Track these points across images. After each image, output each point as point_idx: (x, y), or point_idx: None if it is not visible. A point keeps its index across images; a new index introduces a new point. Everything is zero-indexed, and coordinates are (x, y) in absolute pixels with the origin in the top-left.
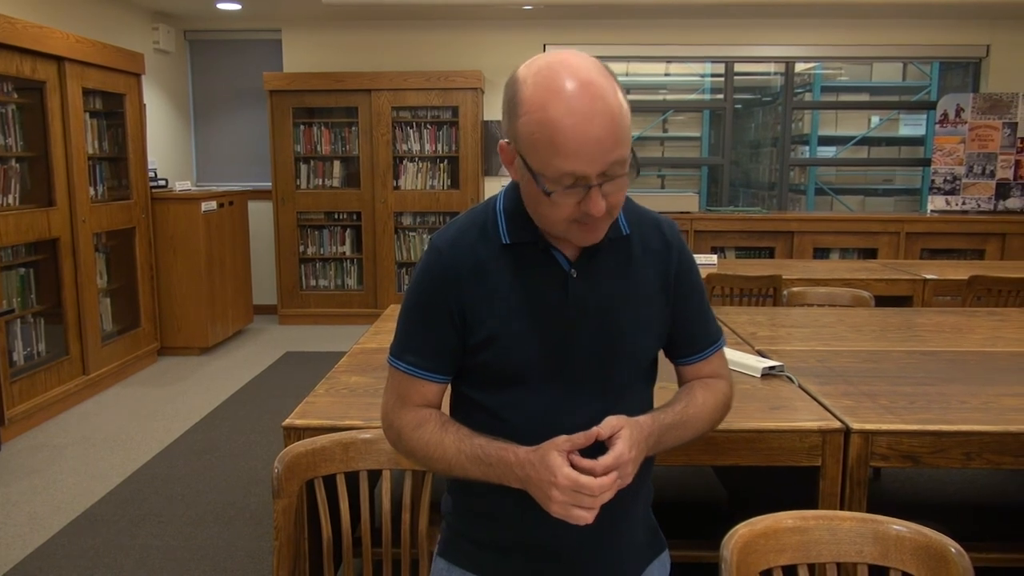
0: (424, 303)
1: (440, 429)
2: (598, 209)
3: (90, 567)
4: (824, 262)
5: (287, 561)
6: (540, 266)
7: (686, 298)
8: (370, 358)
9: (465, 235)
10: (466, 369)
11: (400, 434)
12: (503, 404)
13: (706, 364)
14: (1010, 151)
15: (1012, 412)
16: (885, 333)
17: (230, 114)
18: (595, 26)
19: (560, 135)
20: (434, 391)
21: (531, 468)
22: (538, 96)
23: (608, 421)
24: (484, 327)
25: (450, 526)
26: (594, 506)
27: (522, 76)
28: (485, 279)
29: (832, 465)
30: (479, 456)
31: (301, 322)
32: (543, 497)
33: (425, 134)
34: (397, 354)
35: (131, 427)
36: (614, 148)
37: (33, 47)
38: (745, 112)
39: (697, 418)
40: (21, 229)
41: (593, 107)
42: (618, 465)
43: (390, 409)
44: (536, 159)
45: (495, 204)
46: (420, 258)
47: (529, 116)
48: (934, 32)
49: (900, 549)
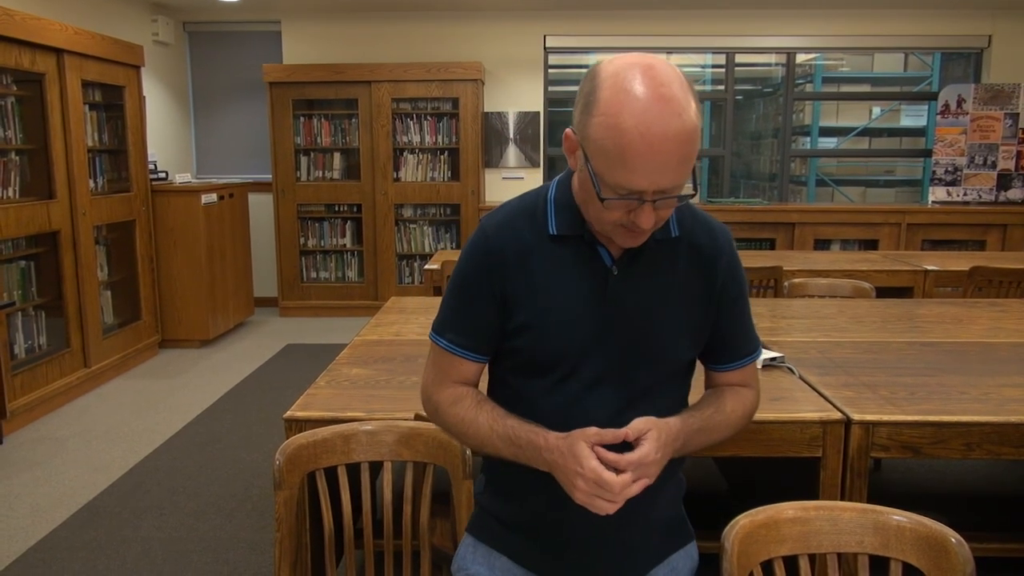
0: (467, 283)
1: (475, 407)
2: (647, 222)
3: (92, 559)
4: (825, 253)
5: (289, 553)
6: (583, 260)
7: (730, 307)
8: (371, 350)
9: (513, 220)
10: (502, 352)
11: (437, 408)
12: (533, 390)
13: (738, 373)
14: (1011, 142)
15: (1012, 403)
16: (886, 324)
17: (230, 106)
18: (595, 17)
19: (628, 151)
20: (472, 369)
21: (559, 455)
22: (616, 101)
23: (636, 423)
24: (522, 313)
25: (480, 505)
26: (616, 500)
27: (604, 74)
28: (528, 266)
29: (833, 456)
30: (510, 437)
31: (302, 314)
32: (568, 484)
33: (425, 126)
34: (439, 331)
35: (132, 419)
36: (677, 171)
37: (32, 39)
38: (746, 103)
39: (723, 425)
40: (21, 222)
41: (668, 127)
42: (642, 464)
43: (430, 383)
44: (600, 163)
45: (547, 193)
46: (468, 239)
47: (603, 119)
48: (935, 22)
49: (900, 540)
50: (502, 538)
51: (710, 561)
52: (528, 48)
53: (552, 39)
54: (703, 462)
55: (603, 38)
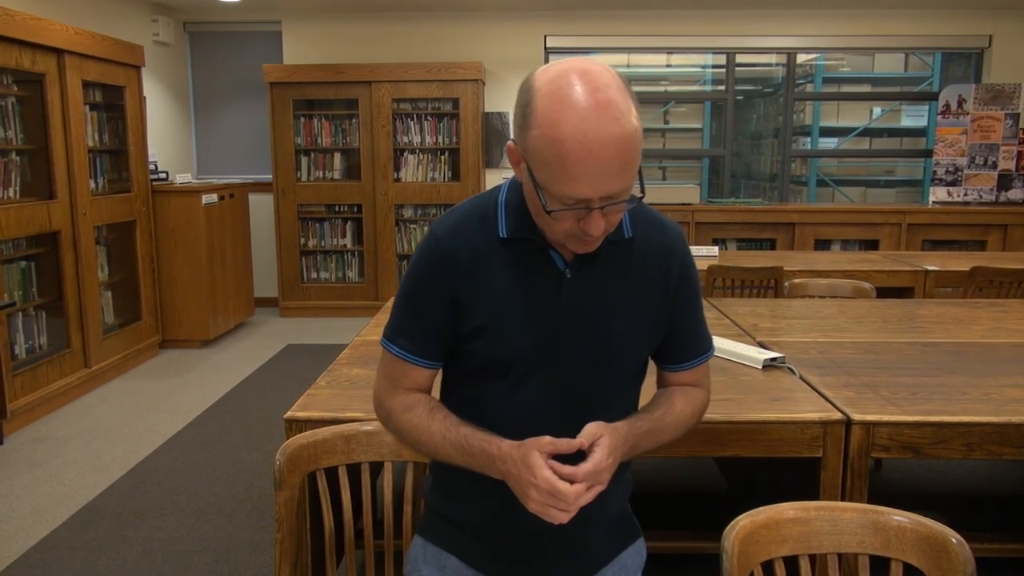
0: (420, 288)
1: (428, 414)
2: (597, 229)
3: (93, 559)
4: (825, 253)
5: (289, 553)
6: (536, 263)
7: (683, 306)
8: (371, 350)
9: (465, 224)
10: (455, 357)
11: (390, 415)
12: (488, 395)
13: (691, 373)
14: (1012, 142)
15: (1013, 403)
16: (886, 324)
17: (230, 106)
18: (596, 17)
19: (568, 160)
20: (424, 376)
21: (512, 464)
22: (551, 111)
23: (588, 429)
24: (476, 316)
25: (429, 506)
26: (570, 510)
27: (538, 84)
28: (481, 269)
29: (833, 456)
30: (463, 445)
31: (302, 314)
32: (521, 494)
33: (426, 126)
34: (390, 337)
35: (133, 420)
36: (621, 176)
37: (32, 39)
38: (746, 103)
39: (673, 425)
40: (22, 222)
41: (607, 133)
42: (596, 472)
43: (381, 390)
44: (542, 175)
45: (498, 196)
46: (419, 244)
47: (540, 131)
48: (936, 22)
49: (901, 540)
50: (451, 539)
51: (710, 561)
52: (528, 48)
53: (552, 39)
54: (703, 462)
55: (603, 38)
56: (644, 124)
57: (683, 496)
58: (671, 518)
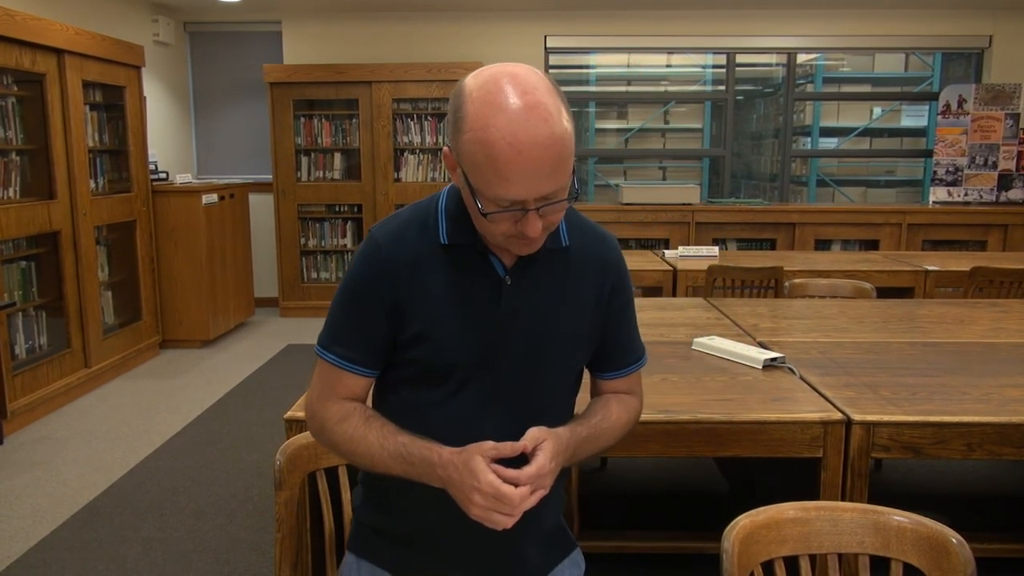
0: (358, 294)
1: (364, 424)
2: (534, 231)
3: (93, 559)
4: (826, 253)
5: (289, 553)
6: (476, 269)
7: (618, 315)
8: None
9: (405, 230)
10: (393, 365)
11: (323, 426)
12: (427, 402)
13: (624, 381)
14: (1012, 142)
15: (1013, 403)
16: (887, 324)
17: (230, 106)
18: (596, 17)
19: (500, 162)
20: (361, 384)
21: (454, 470)
22: (482, 115)
23: (531, 433)
24: (416, 323)
25: (359, 520)
26: (514, 514)
27: (468, 89)
28: (421, 275)
29: (833, 456)
30: (402, 454)
31: (302, 314)
32: (464, 500)
33: (426, 126)
34: (326, 345)
35: (133, 420)
36: (554, 177)
37: (33, 39)
38: (747, 103)
39: (609, 432)
40: (22, 222)
41: (536, 134)
42: (540, 476)
43: (315, 399)
44: (476, 178)
45: (438, 203)
46: (358, 249)
47: (472, 135)
48: (936, 22)
49: (901, 540)
50: (384, 554)
51: (710, 561)
52: (529, 48)
53: (552, 39)
54: (703, 462)
55: (603, 38)
56: (644, 123)
57: (683, 496)
58: (671, 518)
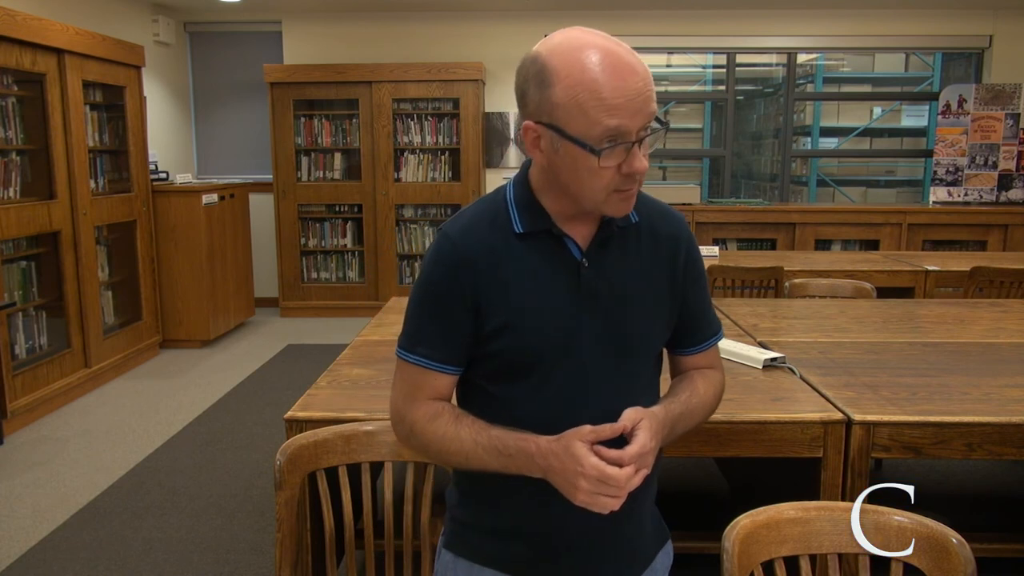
0: (436, 292)
1: (455, 422)
2: (642, 165)
3: (93, 559)
4: (826, 253)
5: (289, 553)
6: (552, 255)
7: (692, 289)
8: (372, 350)
9: (477, 224)
10: (477, 359)
11: (413, 429)
12: (515, 394)
13: (705, 356)
14: (1012, 142)
15: (1014, 403)
16: (887, 324)
17: (231, 106)
18: (596, 17)
19: (605, 90)
20: (446, 383)
21: (554, 458)
22: (573, 59)
23: (628, 413)
24: (498, 315)
25: (455, 518)
26: (620, 495)
27: (544, 52)
28: (498, 267)
29: (834, 456)
30: (497, 448)
31: (302, 315)
32: (568, 487)
33: (426, 126)
34: (407, 347)
35: (133, 420)
36: (651, 99)
37: (33, 39)
38: (747, 103)
39: (700, 408)
40: (22, 222)
41: (630, 59)
42: (642, 454)
43: (401, 403)
44: (579, 122)
45: (504, 195)
46: (429, 248)
47: (567, 80)
48: (936, 22)
49: (901, 540)
50: (484, 550)
51: (711, 561)
52: (528, 48)
53: None
54: (703, 462)
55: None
56: None
57: (684, 496)
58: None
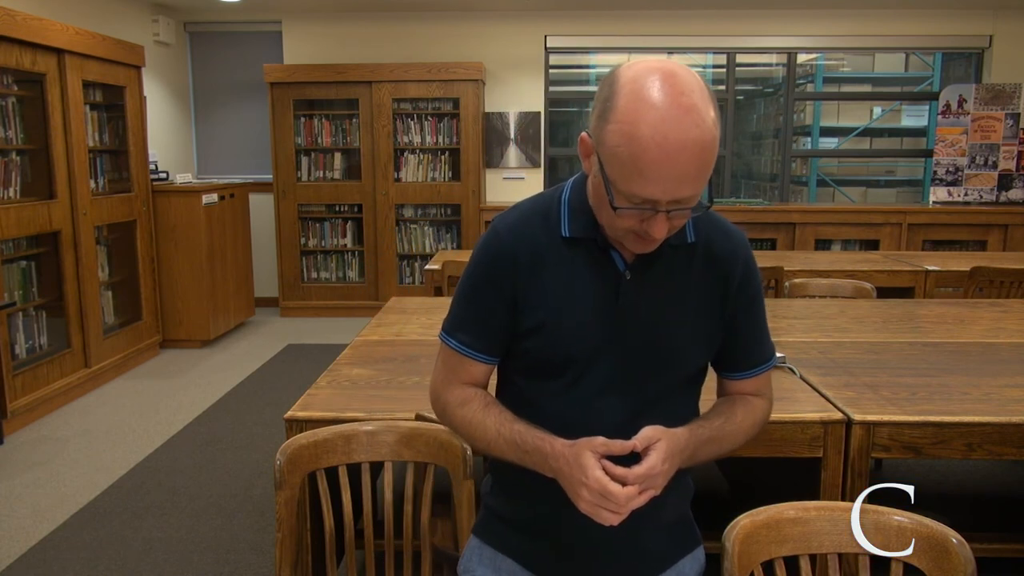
0: (479, 284)
1: (483, 410)
2: (660, 232)
3: (93, 559)
4: (826, 253)
5: (290, 553)
6: (596, 263)
7: (745, 313)
8: (372, 350)
9: (527, 221)
10: (512, 353)
11: (445, 409)
12: (543, 393)
13: (752, 382)
14: (1012, 142)
15: (1014, 403)
16: (887, 324)
17: (231, 106)
18: (596, 17)
19: (644, 159)
20: (481, 371)
21: (564, 463)
22: (632, 108)
23: (644, 432)
24: (535, 314)
25: (487, 506)
26: (621, 512)
27: (622, 80)
28: (541, 267)
29: (834, 456)
30: (516, 442)
31: (302, 314)
32: (572, 493)
33: (426, 126)
34: (449, 331)
35: (133, 420)
36: (694, 184)
37: (33, 39)
38: (747, 103)
39: (733, 436)
40: (22, 222)
41: (686, 138)
42: (649, 476)
43: (439, 383)
44: (614, 171)
45: (560, 195)
46: (479, 239)
47: (619, 127)
48: (936, 22)
49: (901, 540)
50: (507, 540)
51: (711, 561)
52: (529, 48)
53: (553, 39)
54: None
55: (604, 38)
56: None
57: None
58: None
